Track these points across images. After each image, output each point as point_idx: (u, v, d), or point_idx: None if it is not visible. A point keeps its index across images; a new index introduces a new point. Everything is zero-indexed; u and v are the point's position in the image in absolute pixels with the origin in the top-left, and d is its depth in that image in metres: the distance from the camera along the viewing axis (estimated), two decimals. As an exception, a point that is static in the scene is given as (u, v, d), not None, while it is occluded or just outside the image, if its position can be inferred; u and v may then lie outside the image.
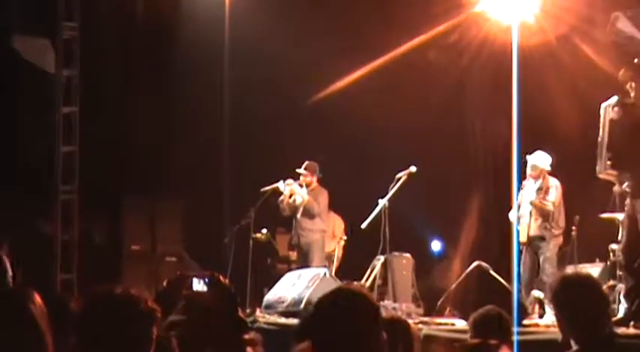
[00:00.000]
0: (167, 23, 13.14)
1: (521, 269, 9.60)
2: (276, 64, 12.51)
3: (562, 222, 9.74)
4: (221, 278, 3.63)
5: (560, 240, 9.74)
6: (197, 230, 12.77)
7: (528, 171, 9.76)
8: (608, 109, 7.81)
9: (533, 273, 9.63)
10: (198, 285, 3.64)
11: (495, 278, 9.05)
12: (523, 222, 9.70)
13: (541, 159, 9.75)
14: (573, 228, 10.23)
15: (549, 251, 9.50)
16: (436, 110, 12.52)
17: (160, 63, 13.22)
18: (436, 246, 13.99)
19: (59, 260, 11.52)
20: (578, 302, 3.91)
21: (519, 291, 8.98)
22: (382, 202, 9.95)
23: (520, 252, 9.66)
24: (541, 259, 9.53)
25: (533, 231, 9.63)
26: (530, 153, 9.82)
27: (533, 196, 9.67)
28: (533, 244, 9.65)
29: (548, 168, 9.74)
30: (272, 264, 12.92)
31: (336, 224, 12.21)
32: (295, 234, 11.19)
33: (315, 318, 2.86)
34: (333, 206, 11.62)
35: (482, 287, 8.87)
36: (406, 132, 12.58)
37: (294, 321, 8.94)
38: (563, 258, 10.16)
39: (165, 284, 3.59)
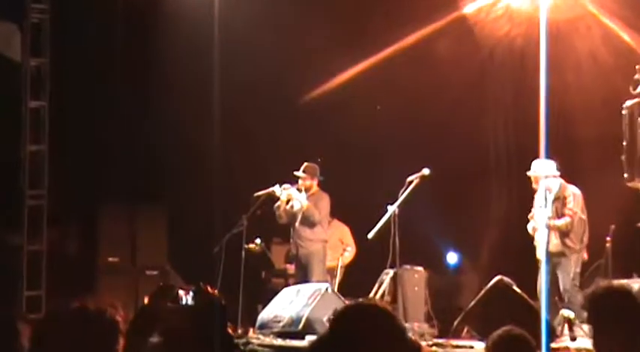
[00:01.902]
0: (151, 11, 13.15)
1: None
2: (270, 59, 12.55)
3: (586, 236, 9.71)
4: (209, 288, 3.63)
5: (583, 255, 9.73)
6: (182, 240, 12.75)
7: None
8: (636, 110, 7.80)
9: (553, 291, 9.62)
10: (185, 298, 3.63)
11: (519, 294, 9.04)
12: (540, 235, 9.69)
13: (538, 169, 9.71)
14: (608, 239, 10.20)
15: (571, 267, 9.53)
16: (450, 105, 12.53)
17: (143, 53, 13.21)
18: (452, 258, 13.96)
19: (25, 274, 11.49)
20: (621, 314, 3.91)
21: (548, 310, 8.99)
22: (391, 209, 9.94)
23: (548, 265, 9.65)
24: (560, 278, 9.55)
25: (554, 247, 9.64)
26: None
27: (550, 207, 9.67)
28: (553, 261, 9.67)
29: (553, 173, 9.69)
30: (267, 278, 12.91)
31: (343, 233, 12.21)
32: (293, 245, 11.17)
33: (330, 339, 2.81)
34: (335, 214, 11.61)
35: (505, 305, 8.87)
36: (417, 131, 12.59)
37: (292, 343, 8.93)
38: (596, 272, 10.14)
39: (147, 297, 3.58)
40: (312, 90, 13.06)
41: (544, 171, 9.66)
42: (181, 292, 3.65)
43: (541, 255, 9.63)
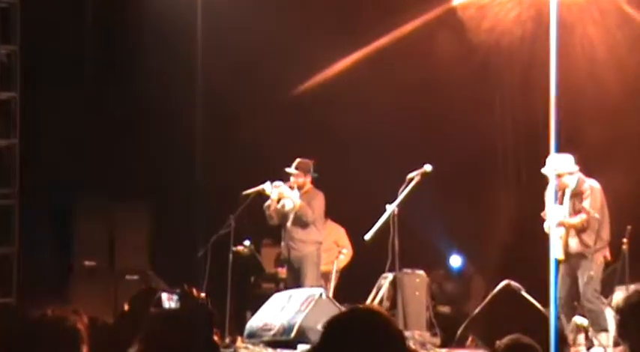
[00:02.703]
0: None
1: (559, 291, 9.57)
2: (258, 49, 12.55)
3: (605, 234, 9.69)
4: (195, 291, 3.62)
5: (606, 254, 9.70)
6: (165, 242, 12.73)
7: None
8: None
9: (572, 296, 9.61)
10: (169, 302, 3.62)
11: (528, 300, 9.06)
12: (558, 234, 9.67)
13: (556, 166, 9.68)
14: (624, 240, 10.20)
15: (592, 270, 9.47)
16: (454, 97, 12.53)
17: (122, 40, 13.19)
18: (456, 261, 13.96)
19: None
20: None
21: (558, 317, 8.98)
22: (390, 208, 9.94)
23: (558, 269, 9.64)
24: (581, 281, 9.51)
25: (572, 247, 9.62)
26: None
27: (567, 204, 9.65)
28: (572, 262, 9.64)
29: (569, 170, 9.68)
30: (256, 282, 12.89)
31: (341, 235, 12.22)
32: (285, 247, 11.16)
33: (323, 348, 2.80)
34: (330, 213, 11.61)
35: (513, 312, 8.87)
36: (418, 125, 12.58)
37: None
38: (612, 276, 10.15)
39: (128, 302, 3.57)
40: (305, 82, 13.05)
41: (563, 168, 9.61)
42: (165, 296, 3.64)
43: (557, 254, 9.62)
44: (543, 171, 9.70)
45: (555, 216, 9.62)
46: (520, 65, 12.38)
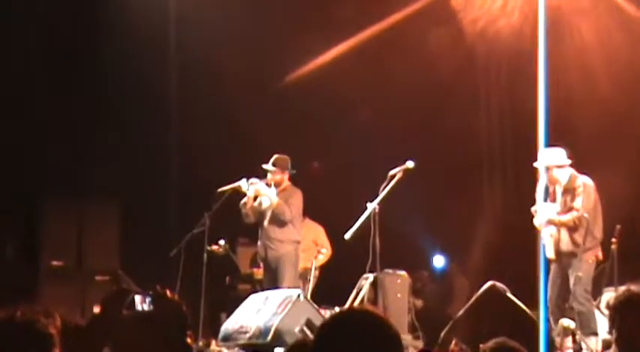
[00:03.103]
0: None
1: (549, 291, 9.61)
2: (234, 42, 12.54)
3: (598, 232, 9.71)
4: (168, 293, 3.61)
5: (597, 254, 9.72)
6: (136, 241, 12.69)
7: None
8: None
9: (562, 297, 9.63)
10: (142, 304, 3.61)
11: (514, 302, 9.07)
12: (549, 232, 9.70)
13: (547, 159, 9.71)
14: (613, 239, 10.24)
15: (581, 270, 9.48)
16: (438, 91, 12.55)
17: (88, 27, 13.13)
18: (439, 261, 14.01)
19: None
20: None
21: (547, 320, 9.02)
22: (371, 206, 9.92)
23: (547, 269, 9.67)
24: (571, 280, 9.51)
25: (564, 246, 9.64)
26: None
27: (559, 201, 9.67)
28: (563, 261, 9.65)
29: (560, 163, 9.70)
30: (231, 283, 12.89)
31: (320, 234, 12.22)
32: (261, 246, 11.14)
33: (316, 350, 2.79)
34: (308, 212, 11.60)
35: (498, 314, 8.89)
36: (400, 120, 12.59)
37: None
38: (600, 276, 10.19)
39: (100, 304, 3.56)
40: (285, 75, 13.04)
41: (555, 162, 9.64)
42: (138, 298, 3.62)
43: (548, 254, 9.66)
44: (535, 165, 9.72)
45: (546, 213, 9.64)
46: (507, 57, 12.43)
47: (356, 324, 2.79)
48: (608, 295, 9.77)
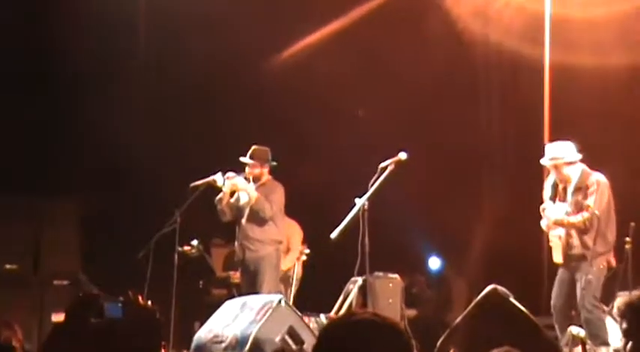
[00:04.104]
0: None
1: (554, 297, 9.65)
2: (210, 27, 12.60)
3: (611, 235, 9.73)
4: (140, 299, 3.62)
5: (610, 259, 9.75)
6: (99, 241, 12.69)
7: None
8: None
9: (569, 303, 9.67)
10: (111, 311, 3.61)
11: (518, 308, 9.10)
12: (557, 234, 9.73)
13: (555, 155, 9.73)
14: (627, 239, 10.28)
15: (592, 274, 9.51)
16: (435, 79, 12.59)
17: (49, 22, 13.19)
18: (435, 263, 14.05)
19: None
20: None
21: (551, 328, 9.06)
22: (360, 202, 9.92)
23: (552, 274, 9.70)
24: (579, 285, 9.55)
25: (573, 249, 9.66)
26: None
27: (570, 200, 9.68)
28: (571, 265, 9.69)
29: (570, 160, 9.72)
30: (205, 288, 12.91)
31: (293, 233, 12.23)
32: (239, 247, 11.15)
33: None
34: (287, 208, 11.61)
35: (500, 321, 8.92)
36: (394, 109, 12.62)
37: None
38: (613, 279, 10.22)
39: (65, 312, 3.55)
40: (262, 60, 13.06)
41: (564, 158, 9.64)
42: (107, 305, 3.62)
43: (556, 257, 9.67)
44: (542, 162, 9.73)
45: (554, 213, 9.64)
46: (510, 44, 12.44)
47: (362, 331, 2.77)
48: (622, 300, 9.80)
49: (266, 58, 13.14)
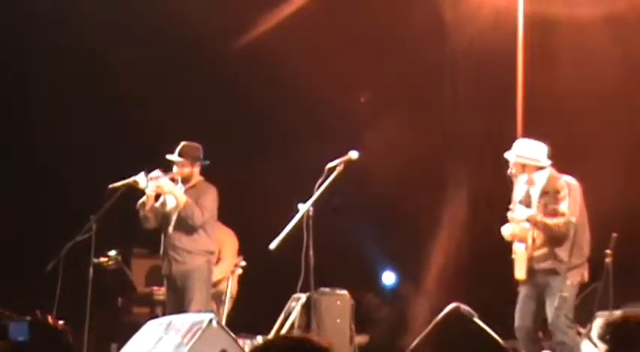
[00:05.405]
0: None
1: (518, 318, 9.68)
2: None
3: (587, 246, 9.81)
4: (50, 319, 3.60)
5: (584, 273, 9.82)
6: (2, 252, 12.62)
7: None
8: None
9: (537, 325, 9.72)
10: (17, 332, 3.59)
11: (482, 329, 9.18)
12: (519, 246, 9.78)
13: (523, 151, 9.80)
14: (608, 252, 10.37)
15: (565, 290, 9.54)
16: (396, 67, 12.66)
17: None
18: (389, 278, 14.12)
19: None
20: None
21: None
22: (303, 208, 9.94)
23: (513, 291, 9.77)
24: (549, 305, 9.58)
25: (540, 262, 9.71)
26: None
27: (535, 205, 9.74)
28: (537, 281, 9.73)
29: (541, 163, 9.79)
30: (125, 305, 12.86)
31: (226, 242, 12.23)
32: (165, 259, 11.13)
33: None
34: (221, 215, 11.62)
35: (462, 343, 8.99)
36: (346, 100, 12.70)
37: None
38: (592, 297, 10.30)
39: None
40: (205, 41, 13.16)
41: (530, 157, 9.70)
42: (12, 325, 3.61)
43: (518, 273, 9.69)
44: (506, 155, 9.78)
45: (523, 213, 9.69)
46: (481, 26, 12.57)
47: None
48: (602, 321, 9.87)
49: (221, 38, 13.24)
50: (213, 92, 13.16)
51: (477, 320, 9.33)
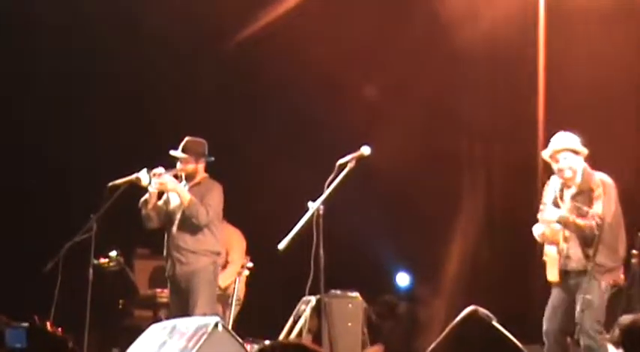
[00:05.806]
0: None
1: (547, 322, 9.65)
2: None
3: (622, 248, 9.72)
4: (48, 325, 3.58)
5: (617, 276, 9.75)
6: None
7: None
8: None
9: (566, 329, 9.67)
10: (14, 338, 3.57)
11: (502, 333, 9.15)
12: (550, 249, 9.73)
13: (559, 142, 9.75)
14: (634, 252, 10.35)
15: (592, 293, 9.48)
16: (406, 61, 12.65)
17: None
18: (403, 279, 14.11)
19: None
20: None
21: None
22: (314, 207, 9.91)
23: (546, 293, 9.73)
24: (578, 309, 9.52)
25: (572, 264, 9.66)
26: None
27: (567, 205, 9.70)
28: (570, 283, 9.68)
29: (577, 149, 9.74)
30: (127, 308, 12.88)
31: (233, 244, 12.22)
32: (169, 260, 11.11)
33: None
34: (228, 214, 11.61)
35: (480, 349, 8.97)
36: (357, 97, 12.69)
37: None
38: (617, 300, 10.27)
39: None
40: (211, 35, 13.17)
41: (572, 145, 9.63)
42: (9, 331, 3.59)
43: (551, 275, 9.63)
44: (543, 153, 9.74)
45: (554, 214, 9.63)
46: (498, 22, 12.56)
47: None
48: (626, 325, 9.84)
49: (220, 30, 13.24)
50: (218, 86, 13.13)
51: (495, 323, 9.28)
